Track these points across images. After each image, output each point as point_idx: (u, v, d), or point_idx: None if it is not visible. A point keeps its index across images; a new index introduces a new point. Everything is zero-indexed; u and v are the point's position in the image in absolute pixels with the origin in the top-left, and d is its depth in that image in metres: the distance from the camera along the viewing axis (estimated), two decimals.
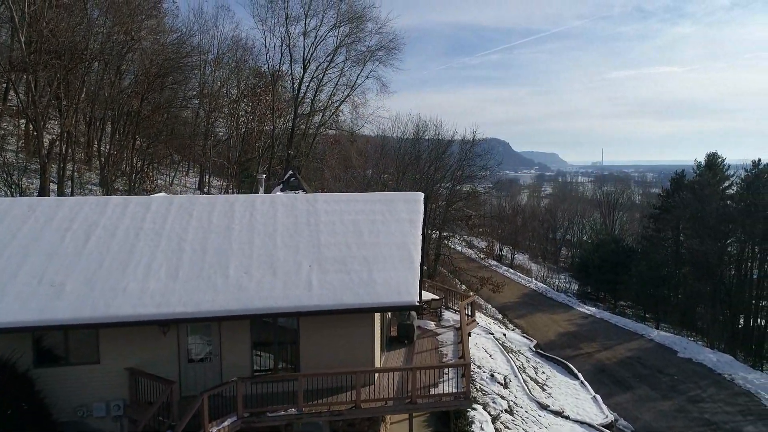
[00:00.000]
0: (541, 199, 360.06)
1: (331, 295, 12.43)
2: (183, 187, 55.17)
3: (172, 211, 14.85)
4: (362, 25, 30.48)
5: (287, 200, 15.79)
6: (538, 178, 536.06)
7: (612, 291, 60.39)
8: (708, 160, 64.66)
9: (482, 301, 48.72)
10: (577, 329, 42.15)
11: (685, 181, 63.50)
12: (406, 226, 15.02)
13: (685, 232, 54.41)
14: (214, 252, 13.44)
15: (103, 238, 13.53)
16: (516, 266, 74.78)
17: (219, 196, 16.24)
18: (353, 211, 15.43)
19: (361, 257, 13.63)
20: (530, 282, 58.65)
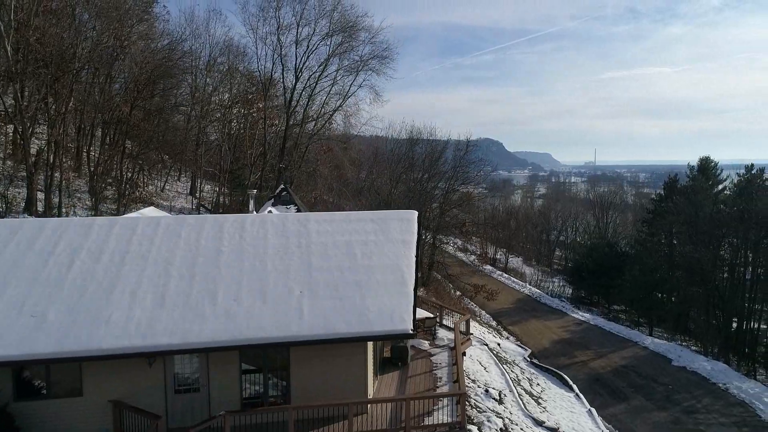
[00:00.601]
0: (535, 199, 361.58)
1: (323, 323, 12.09)
2: (175, 192, 54.60)
3: (159, 232, 14.46)
4: (355, 34, 30.21)
5: (278, 220, 15.43)
6: (531, 179, 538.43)
7: (606, 295, 60.42)
8: (701, 164, 64.86)
9: (476, 308, 48.55)
10: (571, 336, 42.01)
11: (678, 185, 63.74)
12: (400, 248, 14.69)
13: (678, 237, 54.41)
14: (203, 277, 13.06)
15: (87, 263, 13.12)
16: (510, 270, 74.67)
17: (208, 216, 15.85)
18: (346, 232, 15.09)
19: (353, 282, 13.30)
20: (524, 287, 58.51)
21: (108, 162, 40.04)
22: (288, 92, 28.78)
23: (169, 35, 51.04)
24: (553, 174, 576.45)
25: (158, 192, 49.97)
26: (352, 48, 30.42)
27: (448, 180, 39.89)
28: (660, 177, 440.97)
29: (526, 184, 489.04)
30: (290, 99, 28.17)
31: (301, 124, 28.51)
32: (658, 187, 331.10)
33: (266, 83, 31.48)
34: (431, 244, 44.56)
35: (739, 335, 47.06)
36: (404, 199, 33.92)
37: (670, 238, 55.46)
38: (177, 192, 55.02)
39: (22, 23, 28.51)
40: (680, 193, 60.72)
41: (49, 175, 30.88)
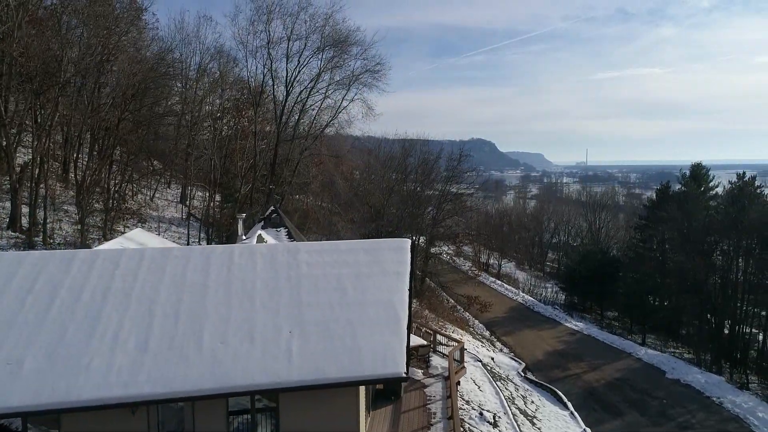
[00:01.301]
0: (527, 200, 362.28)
1: (313, 367, 11.67)
2: (165, 200, 53.93)
3: (143, 266, 13.95)
4: (347, 49, 29.74)
5: (267, 251, 14.97)
6: (523, 179, 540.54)
7: (599, 302, 60.42)
8: (693, 170, 65.04)
9: (470, 317, 48.30)
10: (564, 347, 41.84)
11: (671, 191, 63.86)
12: (393, 281, 14.28)
13: (671, 244, 54.36)
14: (188, 316, 12.59)
15: (67, 302, 12.60)
16: (503, 276, 74.49)
17: (195, 248, 15.37)
18: (337, 264, 14.65)
19: (345, 320, 12.87)
20: (517, 295, 58.32)
21: (96, 173, 39.39)
22: (279, 107, 28.27)
23: (159, 40, 50.44)
24: (545, 174, 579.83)
25: (147, 202, 49.32)
26: (343, 62, 30.12)
27: (441, 190, 39.57)
28: (651, 177, 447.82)
29: (519, 184, 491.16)
30: (281, 114, 27.69)
31: (292, 139, 28.02)
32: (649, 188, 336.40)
33: (256, 97, 30.97)
34: (424, 249, 44.17)
35: (731, 340, 47.19)
36: (397, 210, 33.52)
37: (663, 246, 55.47)
38: (167, 200, 54.34)
39: (7, 35, 27.86)
40: (672, 200, 60.89)
41: (34, 189, 30.22)
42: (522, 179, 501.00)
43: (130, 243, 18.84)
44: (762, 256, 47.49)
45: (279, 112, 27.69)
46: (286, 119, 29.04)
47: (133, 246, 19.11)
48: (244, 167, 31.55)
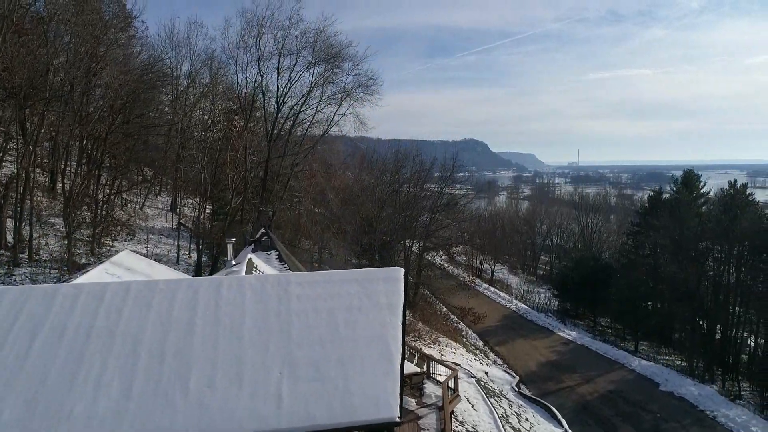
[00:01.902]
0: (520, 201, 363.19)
1: (303, 411, 11.30)
2: (155, 209, 53.31)
3: (128, 301, 13.50)
4: (339, 64, 29.37)
5: (256, 283, 14.57)
6: (515, 180, 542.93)
7: (592, 309, 60.51)
8: (684, 176, 65.34)
9: (463, 326, 48.11)
10: (558, 358, 41.74)
11: (662, 197, 64.06)
12: (386, 315, 13.92)
13: (663, 251, 54.40)
14: (174, 356, 12.16)
15: (49, 342, 12.15)
16: (495, 281, 74.43)
17: (182, 281, 14.95)
18: (328, 296, 14.27)
19: (336, 359, 12.50)
20: (510, 302, 58.20)
21: (84, 185, 38.77)
22: (270, 122, 27.85)
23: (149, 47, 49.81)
24: (537, 175, 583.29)
25: (137, 211, 48.68)
26: (335, 77, 29.70)
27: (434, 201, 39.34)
28: (642, 178, 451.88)
29: (511, 185, 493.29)
30: (272, 129, 27.30)
31: (283, 155, 27.65)
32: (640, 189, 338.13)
33: (247, 111, 30.56)
34: (417, 257, 43.90)
35: (723, 346, 47.42)
36: (390, 222, 33.24)
37: (655, 252, 55.52)
38: (157, 209, 53.70)
39: None
40: (664, 206, 61.07)
41: (19, 203, 29.61)
42: (514, 180, 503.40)
43: (116, 268, 18.38)
44: (753, 263, 47.78)
45: (270, 127, 27.29)
46: (277, 134, 28.61)
47: (120, 271, 18.70)
48: (235, 179, 31.12)
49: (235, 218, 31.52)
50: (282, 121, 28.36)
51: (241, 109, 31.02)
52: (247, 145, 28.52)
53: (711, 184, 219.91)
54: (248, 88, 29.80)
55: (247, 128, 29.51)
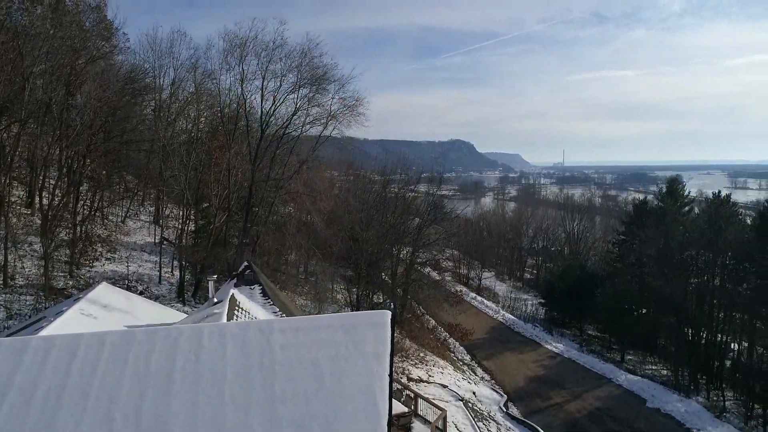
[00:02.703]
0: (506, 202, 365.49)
1: None
2: (138, 221, 52.30)
3: (103, 355, 12.90)
4: (324, 86, 28.82)
5: (238, 331, 14.04)
6: (502, 180, 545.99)
7: (578, 317, 60.71)
8: (669, 185, 65.98)
9: (451, 339, 47.84)
10: (545, 372, 41.67)
11: (648, 206, 64.53)
12: (372, 364, 13.45)
13: (648, 262, 54.62)
14: (151, 418, 11.61)
15: (17, 406, 11.51)
16: (483, 289, 74.38)
17: (160, 330, 14.35)
18: (313, 345, 13.78)
19: (321, 416, 12.03)
20: (497, 313, 58.15)
21: (63, 201, 37.76)
22: (253, 145, 27.22)
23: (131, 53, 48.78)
24: (523, 175, 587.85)
25: (119, 225, 47.67)
26: (321, 100, 29.14)
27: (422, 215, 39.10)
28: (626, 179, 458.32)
29: (497, 186, 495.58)
30: (255, 154, 26.71)
31: (267, 179, 27.08)
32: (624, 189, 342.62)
33: (230, 133, 29.92)
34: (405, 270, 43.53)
35: (707, 354, 47.87)
36: (377, 243, 32.89)
37: (640, 264, 55.75)
38: (140, 221, 52.67)
39: None
40: (650, 215, 61.56)
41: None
42: (500, 180, 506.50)
43: (92, 307, 17.72)
44: (737, 272, 48.28)
45: (253, 151, 26.67)
46: (261, 157, 27.99)
47: (97, 310, 18.06)
48: (218, 197, 30.47)
49: (219, 237, 30.86)
50: (266, 144, 27.74)
51: (224, 131, 30.35)
52: (230, 167, 27.91)
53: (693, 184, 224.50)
54: (231, 110, 29.17)
55: (230, 148, 28.87)
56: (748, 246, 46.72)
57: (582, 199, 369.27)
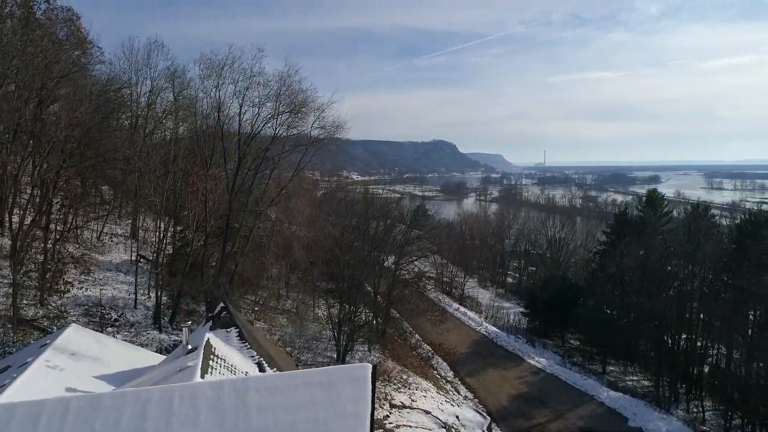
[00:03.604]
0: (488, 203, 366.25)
1: None
2: (113, 236, 51.05)
3: (67, 422, 12.24)
4: (304, 112, 28.17)
5: (211, 392, 13.45)
6: (484, 181, 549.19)
7: (560, 327, 61.02)
8: (649, 196, 66.64)
9: (434, 354, 47.57)
10: (528, 390, 41.57)
11: (628, 217, 65.10)
12: (352, 425, 13.05)
13: (630, 272, 54.93)
14: None
15: None
16: (465, 298, 74.36)
17: (128, 393, 13.70)
18: (290, 406, 13.29)
19: None
20: (480, 325, 58.07)
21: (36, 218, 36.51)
22: (231, 174, 26.53)
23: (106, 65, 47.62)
24: (504, 176, 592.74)
25: (94, 242, 46.42)
26: (300, 127, 28.52)
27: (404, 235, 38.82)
28: (606, 179, 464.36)
29: (479, 186, 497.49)
30: (233, 183, 26.02)
31: (245, 208, 26.41)
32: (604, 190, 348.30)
33: (207, 161, 29.17)
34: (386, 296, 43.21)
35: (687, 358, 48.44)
36: (357, 269, 32.46)
37: (621, 274, 56.09)
38: (116, 236, 51.39)
39: None
40: (630, 226, 62.15)
41: None
42: (482, 181, 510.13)
43: (59, 357, 16.91)
44: (715, 285, 48.88)
45: (230, 180, 25.99)
46: (239, 186, 27.30)
47: (64, 361, 17.29)
48: (195, 221, 29.70)
49: (197, 260, 30.08)
50: (244, 172, 27.10)
51: (201, 156, 29.58)
52: (207, 192, 27.18)
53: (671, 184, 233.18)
54: (207, 137, 28.44)
55: (207, 173, 28.12)
56: (727, 259, 47.41)
57: (563, 201, 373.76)
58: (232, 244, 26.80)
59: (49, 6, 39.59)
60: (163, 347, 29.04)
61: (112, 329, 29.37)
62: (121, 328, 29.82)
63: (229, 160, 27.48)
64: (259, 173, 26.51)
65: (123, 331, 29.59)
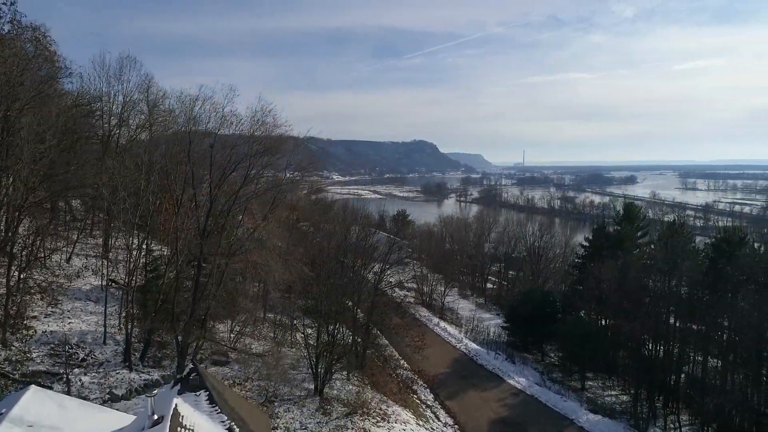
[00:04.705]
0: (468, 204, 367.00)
1: None
2: (84, 256, 49.46)
3: None
4: (276, 152, 27.25)
5: None
6: (464, 181, 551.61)
7: (540, 342, 61.23)
8: (626, 209, 67.39)
9: (414, 375, 47.18)
10: (509, 413, 41.40)
11: (605, 232, 65.63)
12: None
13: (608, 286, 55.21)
14: None
15: None
16: (446, 311, 74.19)
17: None
18: None
19: None
20: (460, 342, 57.91)
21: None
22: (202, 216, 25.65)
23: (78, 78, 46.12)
24: (485, 176, 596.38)
25: (63, 265, 44.83)
26: (274, 165, 27.64)
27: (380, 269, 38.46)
28: (584, 179, 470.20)
29: (460, 187, 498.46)
30: (204, 227, 25.17)
31: (216, 252, 25.57)
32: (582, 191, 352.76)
33: (177, 202, 28.21)
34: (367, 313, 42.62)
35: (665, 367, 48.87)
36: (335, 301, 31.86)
37: (600, 290, 56.41)
38: (87, 256, 49.74)
39: None
40: (609, 239, 62.68)
41: None
42: (463, 181, 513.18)
43: (15, 430, 15.93)
44: (691, 299, 49.36)
45: (201, 224, 25.13)
46: (211, 229, 26.33)
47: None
48: (167, 256, 28.75)
49: (167, 298, 29.12)
50: (216, 213, 26.24)
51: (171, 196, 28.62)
52: (178, 235, 26.26)
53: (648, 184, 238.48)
54: (179, 179, 27.48)
55: (178, 214, 27.20)
56: (702, 276, 47.92)
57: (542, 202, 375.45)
58: (203, 288, 25.93)
59: (13, 26, 38.08)
60: (133, 388, 28.06)
61: (80, 370, 28.24)
62: (89, 369, 28.68)
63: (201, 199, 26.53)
64: (231, 213, 25.64)
65: (91, 372, 28.46)
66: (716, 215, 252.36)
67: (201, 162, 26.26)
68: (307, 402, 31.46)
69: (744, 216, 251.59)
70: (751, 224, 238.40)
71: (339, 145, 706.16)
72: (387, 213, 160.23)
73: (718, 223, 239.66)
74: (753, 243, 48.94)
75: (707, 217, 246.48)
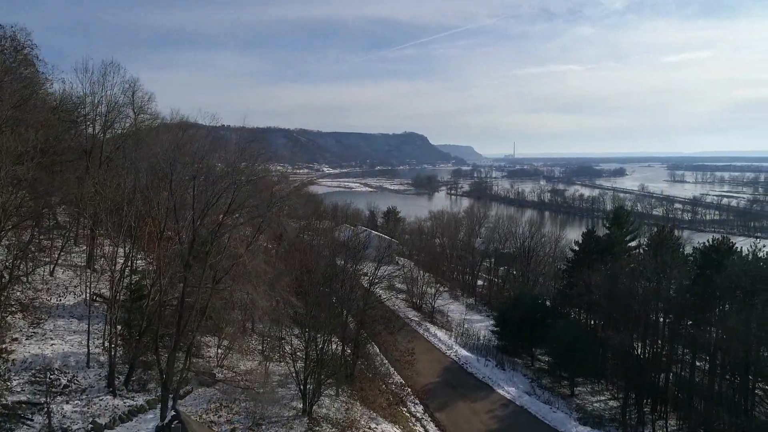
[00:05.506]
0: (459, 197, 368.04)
1: None
2: (68, 267, 48.54)
3: None
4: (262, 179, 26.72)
5: None
6: (455, 173, 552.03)
7: (530, 347, 61.35)
8: (615, 214, 67.44)
9: (404, 383, 47.06)
10: (498, 426, 41.34)
11: (595, 234, 65.72)
12: None
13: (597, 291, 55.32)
14: None
15: None
16: (437, 314, 74.05)
17: None
18: None
19: None
20: (450, 348, 57.82)
21: None
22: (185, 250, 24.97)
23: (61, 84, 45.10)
24: (475, 168, 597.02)
25: (46, 279, 43.93)
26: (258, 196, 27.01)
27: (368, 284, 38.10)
28: (573, 171, 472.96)
29: (450, 180, 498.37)
30: (187, 259, 24.51)
31: (199, 284, 24.95)
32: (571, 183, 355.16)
33: (161, 233, 27.52)
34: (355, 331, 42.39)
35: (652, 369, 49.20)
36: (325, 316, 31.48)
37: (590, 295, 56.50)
38: (72, 268, 48.81)
39: None
40: (598, 244, 62.73)
41: None
42: (453, 174, 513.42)
43: None
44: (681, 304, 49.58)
45: (185, 256, 24.52)
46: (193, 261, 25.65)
47: None
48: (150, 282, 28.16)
49: (151, 325, 28.56)
50: (199, 243, 25.63)
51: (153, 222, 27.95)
52: (161, 264, 25.69)
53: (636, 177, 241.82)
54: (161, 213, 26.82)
55: (161, 243, 26.59)
56: (691, 283, 48.12)
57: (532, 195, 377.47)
58: (186, 318, 25.38)
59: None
60: (117, 416, 27.51)
61: (62, 398, 27.65)
62: (71, 396, 28.09)
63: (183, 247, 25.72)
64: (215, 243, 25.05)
65: (74, 399, 27.87)
66: (704, 208, 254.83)
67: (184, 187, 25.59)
68: (296, 424, 31.11)
69: (731, 209, 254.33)
70: (738, 217, 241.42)
71: (329, 137, 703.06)
72: (378, 209, 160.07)
73: (706, 217, 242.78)
74: (741, 250, 49.07)
75: (695, 210, 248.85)
